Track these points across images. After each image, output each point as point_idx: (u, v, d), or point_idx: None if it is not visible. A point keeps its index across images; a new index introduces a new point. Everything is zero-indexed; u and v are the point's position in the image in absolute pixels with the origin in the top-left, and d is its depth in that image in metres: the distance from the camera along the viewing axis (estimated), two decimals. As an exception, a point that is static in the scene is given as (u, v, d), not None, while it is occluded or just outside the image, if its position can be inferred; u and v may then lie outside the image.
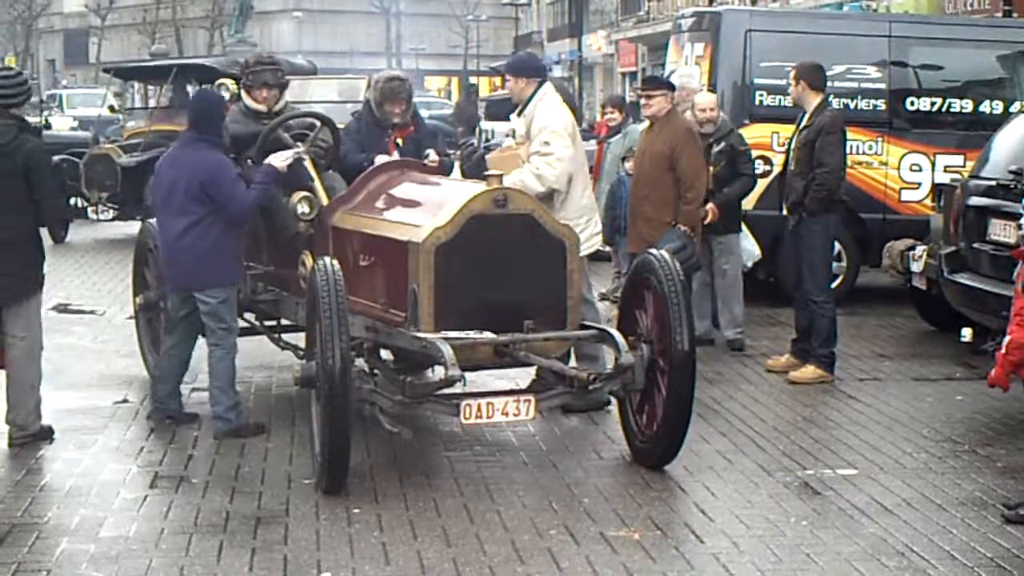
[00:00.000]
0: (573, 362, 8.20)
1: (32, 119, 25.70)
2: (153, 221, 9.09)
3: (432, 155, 8.78)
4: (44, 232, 8.15)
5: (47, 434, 8.06)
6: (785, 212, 10.06)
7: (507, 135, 10.55)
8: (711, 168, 10.68)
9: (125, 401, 8.81)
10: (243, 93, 8.87)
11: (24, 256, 7.87)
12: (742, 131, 11.71)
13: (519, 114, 8.78)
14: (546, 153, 8.48)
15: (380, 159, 8.55)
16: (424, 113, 10.27)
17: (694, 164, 9.97)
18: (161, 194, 8.18)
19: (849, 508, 6.88)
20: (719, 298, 11.16)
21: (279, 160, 8.24)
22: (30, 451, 7.79)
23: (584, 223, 8.69)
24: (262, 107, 8.75)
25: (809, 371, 9.79)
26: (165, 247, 8.24)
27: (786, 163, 10.16)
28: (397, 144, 8.91)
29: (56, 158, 17.26)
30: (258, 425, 8.27)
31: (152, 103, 20.77)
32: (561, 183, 8.54)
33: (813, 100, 9.83)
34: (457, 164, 15.75)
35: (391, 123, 8.91)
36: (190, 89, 19.30)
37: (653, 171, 10.00)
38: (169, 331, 8.40)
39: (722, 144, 10.99)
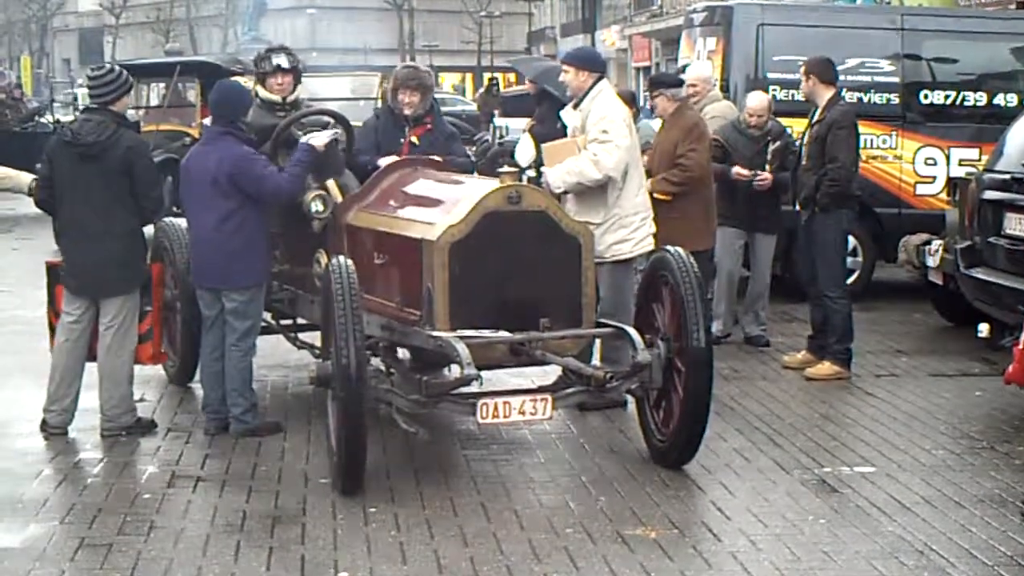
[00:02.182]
0: (597, 362, 8.16)
1: (47, 118, 25.92)
2: (169, 220, 9.09)
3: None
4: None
5: (146, 428, 8.20)
6: (797, 208, 10.04)
7: (524, 131, 10.52)
8: (767, 167, 10.70)
9: (142, 399, 8.81)
10: (258, 85, 8.85)
11: (126, 249, 8.05)
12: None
13: (575, 107, 8.76)
14: (605, 140, 8.44)
15: (384, 161, 8.51)
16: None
17: (695, 154, 9.92)
18: (188, 191, 8.15)
19: (867, 506, 6.85)
20: (749, 296, 11.14)
21: (317, 139, 8.23)
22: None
23: (639, 221, 8.68)
24: (276, 97, 8.72)
25: (826, 367, 9.77)
26: (194, 244, 8.20)
27: (799, 158, 10.14)
28: (412, 143, 8.88)
29: None
30: (275, 424, 8.27)
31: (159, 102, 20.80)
32: (618, 171, 8.50)
33: (824, 95, 9.80)
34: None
35: (405, 115, 8.88)
36: (190, 87, 19.28)
37: (661, 168, 10.01)
38: (206, 332, 8.32)
39: (776, 144, 10.96)
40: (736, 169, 10.74)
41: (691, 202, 9.98)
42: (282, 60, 8.75)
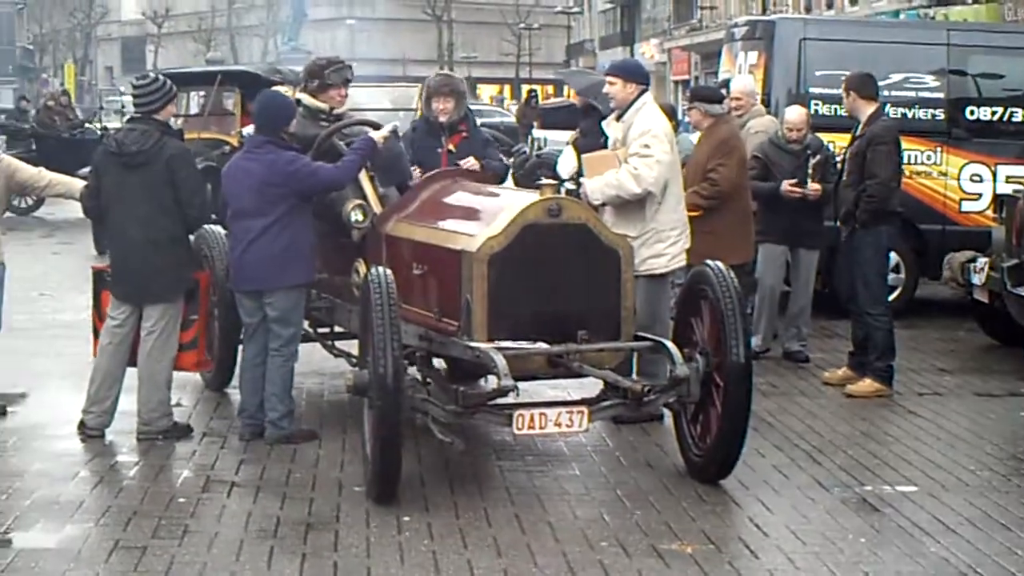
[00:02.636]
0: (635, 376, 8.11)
1: (95, 125, 26.09)
2: (208, 228, 9.08)
3: (472, 161, 8.73)
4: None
5: (182, 432, 8.23)
6: (838, 223, 9.96)
7: (568, 143, 10.49)
8: (809, 182, 10.65)
9: (178, 404, 8.80)
10: (302, 94, 8.82)
11: (171, 257, 8.10)
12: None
13: (618, 119, 8.72)
14: (646, 155, 8.41)
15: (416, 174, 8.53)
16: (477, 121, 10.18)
17: (724, 169, 9.84)
18: (231, 199, 8.14)
19: (909, 526, 6.76)
20: (790, 311, 11.05)
21: (378, 133, 8.23)
22: (95, 450, 7.90)
23: (676, 236, 8.64)
24: (323, 106, 8.70)
25: (866, 384, 9.67)
26: (236, 250, 8.18)
27: (840, 173, 10.06)
28: (450, 151, 8.88)
29: None
30: (310, 432, 8.25)
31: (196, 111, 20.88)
32: (658, 186, 8.46)
33: (866, 110, 9.73)
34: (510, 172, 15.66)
35: (440, 124, 8.87)
36: (227, 96, 19.33)
37: (694, 182, 9.97)
38: (248, 340, 8.33)
39: (817, 157, 10.89)
40: (786, 185, 10.65)
41: (722, 217, 9.90)
42: (350, 74, 8.78)
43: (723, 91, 11.22)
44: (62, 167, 10.68)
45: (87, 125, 25.68)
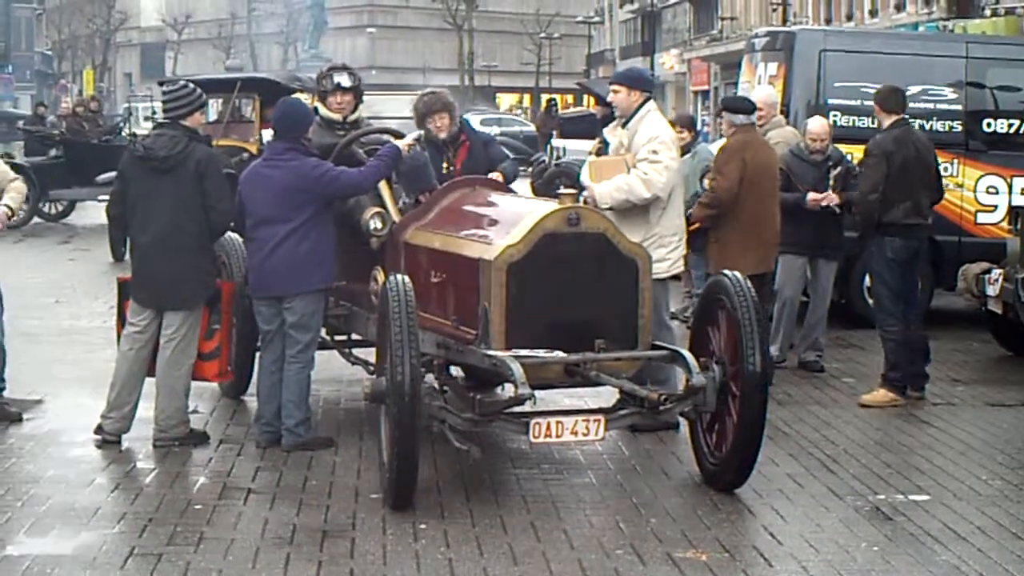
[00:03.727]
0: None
1: (124, 132, 26.13)
2: (226, 235, 9.11)
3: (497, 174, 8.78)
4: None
5: (199, 439, 8.26)
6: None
7: (591, 153, 10.50)
8: (835, 193, 10.69)
9: (195, 411, 8.84)
10: (318, 103, 8.88)
11: (193, 263, 8.14)
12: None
13: (623, 126, 8.77)
14: (655, 160, 8.48)
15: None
16: (495, 130, 10.23)
17: (720, 176, 9.86)
18: (254, 208, 8.13)
19: (921, 534, 6.78)
20: (808, 322, 11.05)
21: (403, 141, 8.28)
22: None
23: (677, 242, 8.73)
24: (337, 116, 8.76)
25: (880, 395, 9.69)
26: (255, 257, 8.21)
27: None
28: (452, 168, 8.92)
29: None
30: (327, 439, 8.28)
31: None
32: (666, 191, 8.55)
33: (886, 122, 9.88)
34: (528, 181, 15.68)
35: (442, 141, 8.92)
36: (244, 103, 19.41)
37: None
38: (265, 348, 8.37)
39: (839, 169, 10.91)
40: (811, 195, 10.66)
41: (726, 226, 9.92)
42: (343, 79, 8.78)
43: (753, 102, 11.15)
44: (91, 173, 10.74)
45: (117, 132, 25.67)
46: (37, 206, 22.37)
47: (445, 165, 8.91)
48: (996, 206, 13.01)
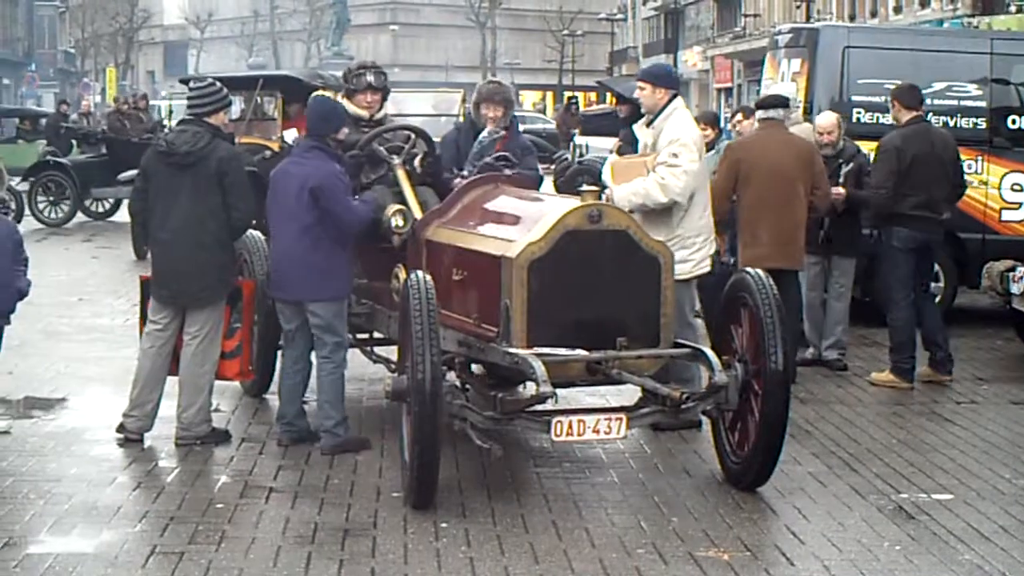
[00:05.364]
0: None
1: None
2: (249, 233, 9.12)
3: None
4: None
5: (220, 438, 8.26)
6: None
7: (612, 151, 10.49)
8: (841, 188, 10.64)
9: (217, 410, 8.85)
10: (344, 100, 8.87)
11: (214, 260, 8.13)
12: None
13: (648, 124, 8.73)
14: (673, 164, 8.42)
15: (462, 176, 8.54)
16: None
17: (714, 176, 9.83)
18: (273, 203, 8.15)
19: (944, 534, 6.75)
20: (829, 320, 11.01)
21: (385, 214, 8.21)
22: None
23: (701, 242, 8.68)
24: (364, 113, 8.76)
25: (885, 375, 9.94)
26: (275, 256, 8.23)
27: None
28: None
29: None
30: (363, 440, 8.24)
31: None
32: (684, 196, 8.49)
33: (904, 119, 9.99)
34: (551, 179, 15.66)
35: (482, 128, 8.88)
36: (267, 101, 19.38)
37: None
38: (287, 346, 8.36)
39: (851, 165, 10.88)
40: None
41: (735, 223, 9.99)
42: (373, 78, 8.79)
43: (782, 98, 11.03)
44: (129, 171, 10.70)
45: (158, 131, 25.63)
46: (80, 204, 22.48)
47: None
48: (1021, 203, 12.96)
